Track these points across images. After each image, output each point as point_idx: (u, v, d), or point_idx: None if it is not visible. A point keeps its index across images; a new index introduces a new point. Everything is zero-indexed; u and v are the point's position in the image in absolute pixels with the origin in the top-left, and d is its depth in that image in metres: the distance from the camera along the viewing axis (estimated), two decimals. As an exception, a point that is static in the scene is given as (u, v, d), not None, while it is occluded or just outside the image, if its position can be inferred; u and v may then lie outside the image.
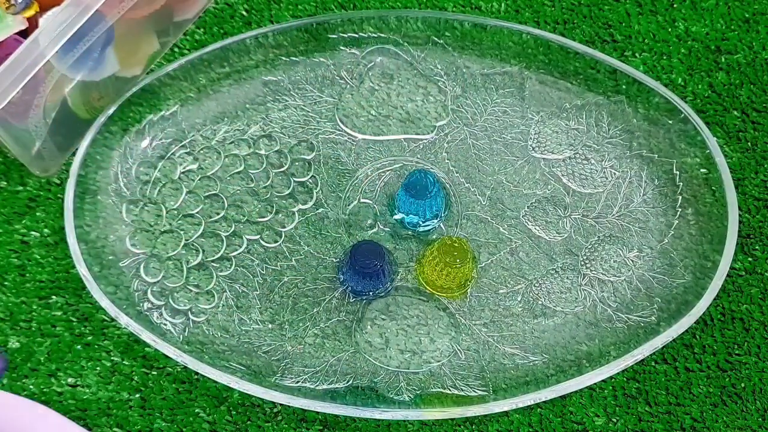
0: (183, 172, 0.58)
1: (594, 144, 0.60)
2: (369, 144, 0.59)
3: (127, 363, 0.55)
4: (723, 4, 0.66)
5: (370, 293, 0.55)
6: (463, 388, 0.52)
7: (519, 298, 0.55)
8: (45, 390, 0.54)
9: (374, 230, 0.57)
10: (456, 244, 0.53)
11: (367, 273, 0.53)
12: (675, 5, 0.66)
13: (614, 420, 0.54)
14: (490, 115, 0.60)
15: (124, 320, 0.52)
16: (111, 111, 0.58)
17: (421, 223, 0.57)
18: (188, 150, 0.59)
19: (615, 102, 0.60)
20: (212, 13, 0.65)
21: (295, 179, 0.59)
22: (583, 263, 0.56)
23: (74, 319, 0.56)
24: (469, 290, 0.55)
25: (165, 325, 0.54)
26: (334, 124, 0.60)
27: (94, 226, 0.55)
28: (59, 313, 0.56)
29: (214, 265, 0.56)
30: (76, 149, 0.57)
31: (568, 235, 0.57)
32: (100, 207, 0.56)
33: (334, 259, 0.56)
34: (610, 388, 0.54)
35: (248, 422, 0.53)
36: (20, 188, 0.59)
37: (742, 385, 0.54)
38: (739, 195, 0.58)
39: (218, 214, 0.57)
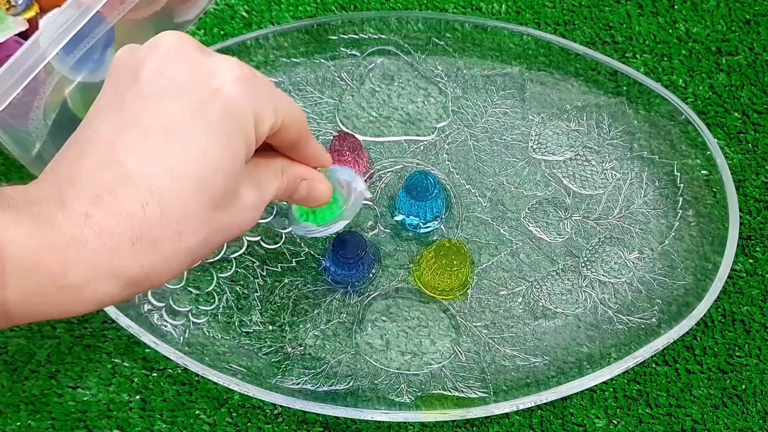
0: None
1: (595, 145, 0.59)
2: (369, 145, 0.59)
3: (127, 365, 0.55)
4: (724, 5, 0.65)
5: (349, 284, 0.55)
6: (463, 389, 0.52)
7: (520, 300, 0.55)
8: (45, 392, 0.54)
9: (375, 231, 0.57)
10: (454, 247, 0.53)
11: (347, 263, 0.53)
12: (676, 6, 0.66)
13: (615, 422, 0.53)
14: (491, 117, 0.60)
15: (124, 322, 0.52)
16: (111, 112, 0.58)
17: (421, 224, 0.56)
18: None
19: (616, 103, 0.60)
20: (213, 15, 0.65)
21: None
22: (583, 265, 0.56)
23: (74, 321, 0.56)
24: (469, 292, 0.55)
25: (165, 326, 0.54)
26: (334, 126, 0.60)
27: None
28: (59, 315, 0.56)
29: (215, 266, 0.56)
30: (77, 150, 0.57)
31: (568, 237, 0.57)
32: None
33: (334, 261, 0.56)
34: (611, 389, 0.54)
35: (249, 424, 0.53)
36: (20, 189, 0.59)
37: (743, 386, 0.54)
38: (740, 196, 0.58)
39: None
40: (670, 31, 0.65)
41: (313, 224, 0.48)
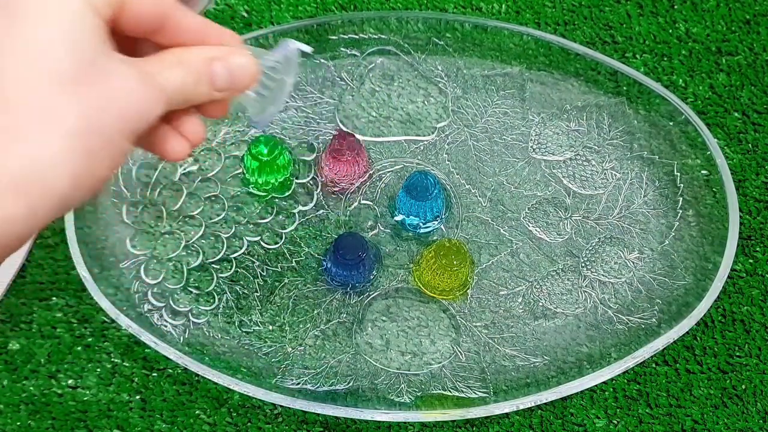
0: (183, 174, 0.58)
1: (595, 145, 0.59)
2: (369, 145, 0.59)
3: (127, 365, 0.55)
4: (724, 5, 0.65)
5: (349, 285, 0.55)
6: (463, 389, 0.52)
7: (520, 300, 0.55)
8: (45, 392, 0.54)
9: (375, 231, 0.57)
10: (454, 247, 0.53)
11: (348, 265, 0.53)
12: (676, 6, 0.66)
13: (615, 422, 0.53)
14: (491, 117, 0.60)
15: (124, 322, 0.52)
16: (111, 112, 0.58)
17: (421, 224, 0.56)
18: (189, 151, 0.59)
19: (616, 103, 0.60)
20: (212, 15, 0.65)
21: (295, 180, 0.59)
22: (583, 265, 0.56)
23: (74, 321, 0.56)
24: (469, 292, 0.55)
25: (165, 326, 0.54)
26: (334, 126, 0.60)
27: (94, 227, 0.55)
28: (59, 315, 0.56)
29: (215, 266, 0.56)
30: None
31: (568, 237, 0.57)
32: (101, 208, 0.56)
33: (334, 261, 0.56)
34: (611, 389, 0.54)
35: (249, 424, 0.53)
36: (20, 189, 0.59)
37: (743, 386, 0.54)
38: (740, 196, 0.58)
39: (218, 215, 0.57)
40: (670, 31, 0.65)
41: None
